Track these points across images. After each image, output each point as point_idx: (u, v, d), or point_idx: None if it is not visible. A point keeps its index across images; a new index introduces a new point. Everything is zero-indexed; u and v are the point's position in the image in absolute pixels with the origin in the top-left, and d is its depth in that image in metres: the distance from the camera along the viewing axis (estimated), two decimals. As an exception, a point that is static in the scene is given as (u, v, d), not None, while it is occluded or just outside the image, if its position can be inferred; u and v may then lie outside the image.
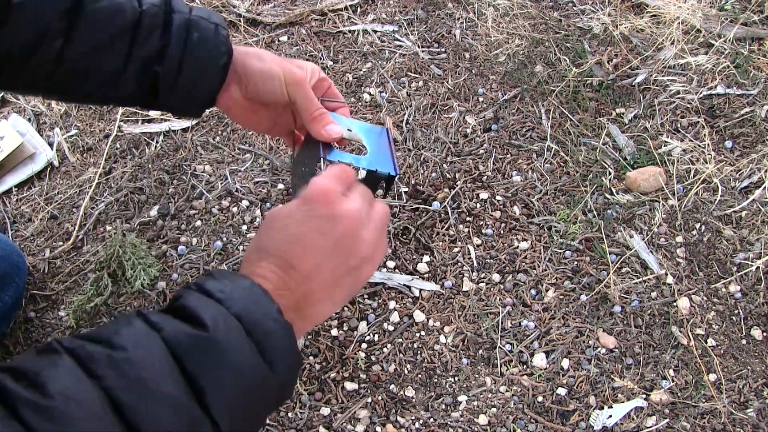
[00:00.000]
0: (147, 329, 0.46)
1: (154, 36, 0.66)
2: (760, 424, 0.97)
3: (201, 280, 0.52)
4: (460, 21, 1.48)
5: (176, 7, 0.69)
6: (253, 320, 0.49)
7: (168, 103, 0.71)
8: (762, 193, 1.18)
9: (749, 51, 1.39)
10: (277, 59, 0.72)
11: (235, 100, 0.72)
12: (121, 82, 0.67)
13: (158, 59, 0.67)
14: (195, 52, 0.68)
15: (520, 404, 0.99)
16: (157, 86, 0.68)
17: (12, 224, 1.21)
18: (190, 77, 0.68)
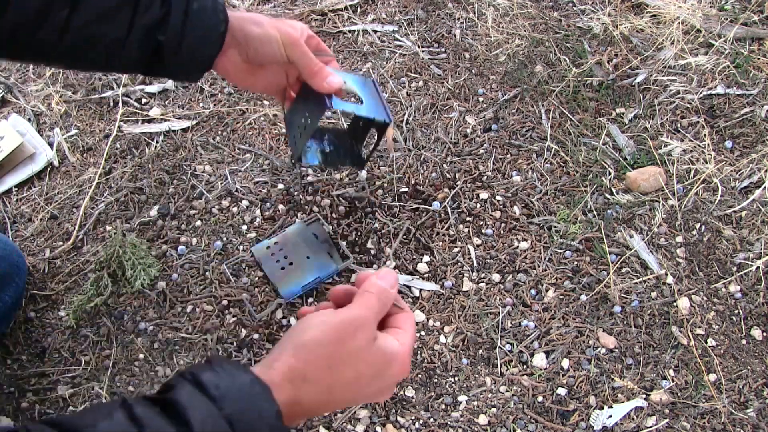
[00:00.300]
0: (127, 425, 0.43)
1: (155, 5, 0.69)
2: (760, 424, 0.97)
3: (199, 369, 0.48)
4: (460, 21, 1.48)
5: None
6: (245, 423, 0.45)
7: (170, 69, 0.74)
8: (762, 193, 1.18)
9: (749, 51, 1.39)
10: (272, 22, 0.75)
11: (234, 63, 0.76)
12: (124, 49, 0.70)
13: (160, 28, 0.70)
14: (195, 21, 0.71)
15: (520, 404, 0.99)
16: (160, 53, 0.72)
17: (12, 224, 1.21)
18: (191, 45, 0.71)
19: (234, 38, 0.74)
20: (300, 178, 1.24)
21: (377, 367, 0.53)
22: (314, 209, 1.19)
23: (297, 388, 0.49)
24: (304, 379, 0.50)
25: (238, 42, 0.75)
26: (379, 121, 0.92)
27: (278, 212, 1.19)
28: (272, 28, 0.74)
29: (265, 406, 0.46)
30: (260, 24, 0.75)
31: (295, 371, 0.49)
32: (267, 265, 1.10)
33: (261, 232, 1.17)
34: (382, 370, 0.53)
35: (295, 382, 0.49)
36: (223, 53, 0.75)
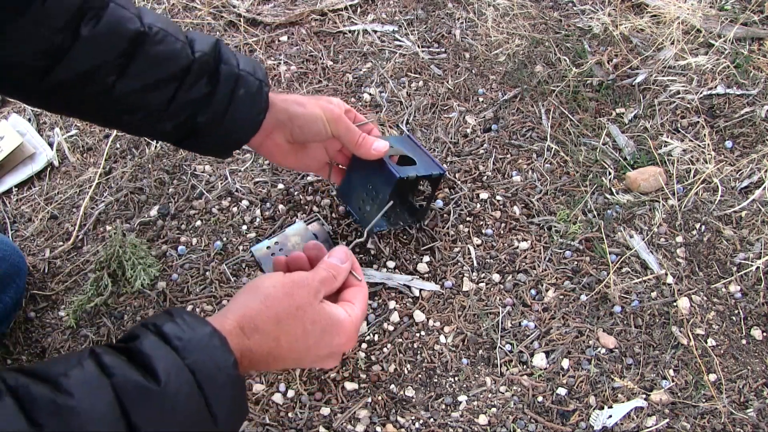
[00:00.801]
0: (98, 373, 0.45)
1: (201, 83, 0.70)
2: (760, 424, 0.97)
3: (160, 320, 0.51)
4: (460, 21, 1.48)
5: (224, 57, 0.72)
6: (207, 373, 0.49)
7: (200, 147, 0.75)
8: (762, 193, 1.18)
9: (749, 51, 1.39)
10: (313, 101, 0.77)
11: (278, 144, 0.78)
12: (161, 120, 0.70)
13: (202, 106, 0.70)
14: (239, 106, 0.71)
15: (520, 404, 0.99)
16: (195, 131, 0.72)
17: (12, 224, 1.21)
18: (228, 128, 0.72)
19: (278, 120, 0.75)
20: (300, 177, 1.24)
21: (322, 327, 0.60)
22: (314, 209, 1.19)
23: (248, 337, 0.55)
24: (255, 329, 0.55)
25: (282, 123, 0.76)
26: (437, 175, 1.02)
27: (278, 212, 1.19)
28: (315, 107, 0.76)
29: (224, 357, 0.51)
30: (303, 104, 0.76)
31: (248, 321, 0.55)
32: (267, 265, 1.10)
33: (261, 232, 1.17)
34: (327, 332, 0.60)
35: (246, 330, 0.55)
36: (267, 135, 0.76)
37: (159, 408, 0.46)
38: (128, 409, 0.45)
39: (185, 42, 0.70)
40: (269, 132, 0.76)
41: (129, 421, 0.44)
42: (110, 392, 0.45)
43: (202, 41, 0.72)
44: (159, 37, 0.67)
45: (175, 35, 0.69)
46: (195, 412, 0.48)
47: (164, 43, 0.67)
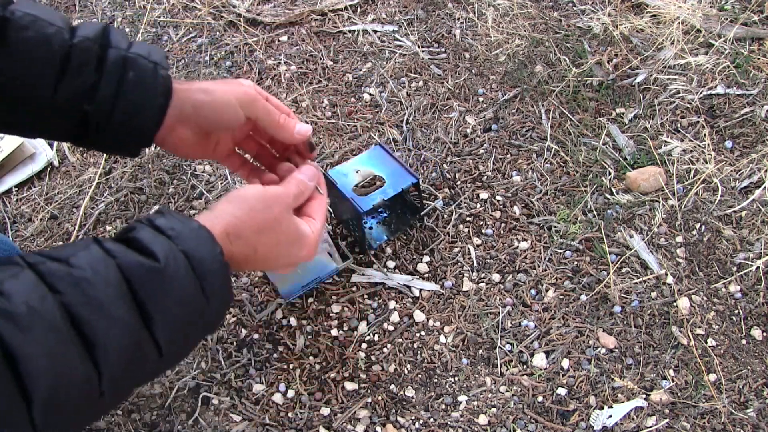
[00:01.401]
0: (103, 255, 0.49)
1: (86, 71, 0.63)
2: (760, 424, 0.97)
3: (152, 216, 0.56)
4: (460, 21, 1.48)
5: (113, 41, 0.66)
6: (198, 259, 0.53)
7: (98, 142, 0.68)
8: (762, 193, 1.18)
9: (749, 51, 1.39)
10: (221, 85, 0.71)
11: (183, 138, 0.71)
12: (46, 116, 0.65)
13: (89, 96, 0.64)
14: (129, 92, 0.65)
15: (520, 404, 0.99)
16: (87, 123, 0.66)
17: (12, 224, 1.21)
18: (122, 117, 0.66)
19: (182, 112, 0.69)
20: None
21: (291, 239, 0.65)
22: (314, 209, 1.19)
23: (231, 243, 0.59)
24: (238, 236, 0.60)
25: (186, 116, 0.69)
26: (409, 187, 1.05)
27: (278, 212, 1.19)
28: (224, 93, 0.70)
29: (213, 246, 0.55)
30: (210, 91, 0.70)
31: (233, 229, 0.59)
32: (267, 265, 1.10)
33: (261, 232, 1.17)
34: (294, 245, 0.66)
35: (231, 237, 0.59)
36: (170, 131, 0.70)
37: (161, 285, 0.50)
38: (134, 286, 0.49)
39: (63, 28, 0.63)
40: (172, 125, 0.69)
41: (135, 294, 0.49)
42: (117, 270, 0.49)
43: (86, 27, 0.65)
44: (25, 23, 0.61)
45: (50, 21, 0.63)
46: (192, 292, 0.52)
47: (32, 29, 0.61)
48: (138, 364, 0.49)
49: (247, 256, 0.61)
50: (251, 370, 1.03)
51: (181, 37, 1.47)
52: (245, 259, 0.62)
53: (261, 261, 0.64)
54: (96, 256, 0.49)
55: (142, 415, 0.99)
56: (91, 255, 0.49)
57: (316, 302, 1.09)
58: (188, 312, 0.52)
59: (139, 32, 1.48)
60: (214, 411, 1.00)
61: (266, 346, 1.05)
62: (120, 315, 0.47)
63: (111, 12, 1.54)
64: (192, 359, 1.04)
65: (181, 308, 0.52)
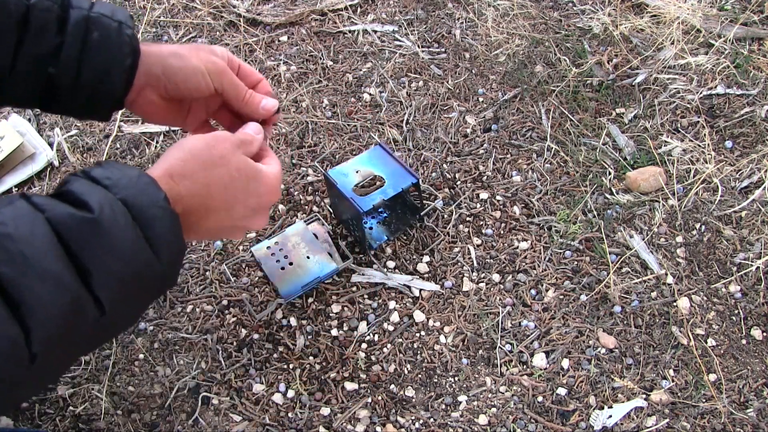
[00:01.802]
0: (30, 209, 0.46)
1: (47, 33, 0.61)
2: (760, 424, 0.97)
3: (88, 168, 0.52)
4: (460, 21, 1.48)
5: (74, 2, 0.63)
6: (139, 206, 0.50)
7: (68, 106, 0.66)
8: (762, 193, 1.18)
9: (749, 51, 1.39)
10: (193, 52, 0.70)
11: (152, 101, 0.69)
12: (9, 82, 0.62)
13: (52, 59, 0.62)
14: (94, 52, 0.63)
15: (520, 404, 0.99)
16: (54, 89, 0.64)
17: (12, 224, 1.21)
18: (90, 79, 0.64)
19: (150, 73, 0.67)
20: (300, 177, 1.24)
21: (247, 175, 0.61)
22: (314, 209, 1.19)
23: (177, 183, 0.55)
24: (182, 175, 0.56)
25: (156, 78, 0.67)
26: (409, 187, 1.06)
27: (278, 212, 1.19)
28: (196, 59, 0.68)
29: (155, 192, 0.51)
30: (181, 56, 0.68)
31: (175, 168, 0.56)
32: (267, 265, 1.10)
33: (261, 232, 1.17)
34: (252, 179, 0.61)
35: (175, 177, 0.55)
36: (138, 92, 0.68)
37: (97, 237, 0.46)
38: (66, 239, 0.45)
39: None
40: (141, 87, 0.67)
41: (68, 248, 0.45)
42: (45, 224, 0.45)
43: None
44: None
45: None
46: (133, 242, 0.48)
47: None
48: (76, 324, 0.45)
49: (200, 197, 0.57)
50: (251, 370, 1.03)
51: (181, 37, 1.47)
52: (200, 204, 0.57)
53: (219, 204, 0.59)
54: (21, 211, 0.45)
55: (142, 415, 0.99)
56: (16, 210, 0.45)
57: (316, 302, 1.09)
58: (132, 265, 0.48)
59: (139, 32, 1.48)
60: (214, 411, 1.00)
61: (266, 346, 1.05)
62: (49, 270, 0.43)
63: (111, 12, 1.53)
64: (192, 359, 1.04)
65: (122, 261, 0.47)
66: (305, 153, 1.27)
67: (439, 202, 1.18)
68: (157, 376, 1.03)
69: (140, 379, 1.03)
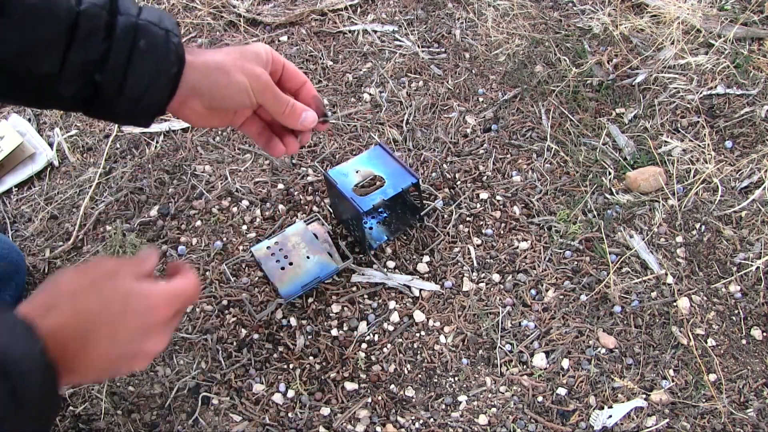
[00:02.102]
0: None
1: (95, 39, 0.61)
2: (760, 424, 0.97)
3: None
4: (460, 21, 1.48)
5: (122, 8, 0.64)
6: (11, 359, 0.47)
7: (112, 112, 0.66)
8: (762, 193, 1.18)
9: (749, 51, 1.39)
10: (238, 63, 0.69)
11: (196, 110, 0.70)
12: (56, 87, 0.62)
13: (100, 65, 0.62)
14: (141, 60, 0.63)
15: (520, 404, 0.99)
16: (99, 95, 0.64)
17: (12, 224, 1.21)
18: (136, 87, 0.64)
19: (195, 87, 0.67)
20: (300, 177, 1.24)
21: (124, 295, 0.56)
22: (314, 209, 1.19)
23: (42, 318, 0.52)
24: (50, 306, 0.53)
25: (199, 92, 0.68)
26: (409, 187, 1.06)
27: (278, 212, 1.19)
28: (240, 74, 0.68)
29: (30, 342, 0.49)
30: (226, 71, 0.68)
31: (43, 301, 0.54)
32: (267, 265, 1.10)
33: (261, 232, 1.17)
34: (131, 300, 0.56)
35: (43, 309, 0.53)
36: (183, 102, 0.68)
37: None
38: None
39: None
40: (185, 97, 0.67)
41: None
42: None
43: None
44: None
45: None
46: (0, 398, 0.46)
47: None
48: None
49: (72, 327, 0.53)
50: (251, 370, 1.03)
51: (181, 36, 1.47)
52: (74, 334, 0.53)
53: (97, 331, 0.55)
54: None
55: (142, 415, 0.99)
56: None
57: (316, 302, 1.09)
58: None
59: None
60: (214, 411, 1.00)
61: (266, 346, 1.05)
62: None
63: (111, 12, 1.53)
64: (192, 359, 1.04)
65: None
66: (305, 153, 1.27)
67: (439, 202, 1.18)
68: (157, 376, 1.03)
69: (140, 379, 1.03)
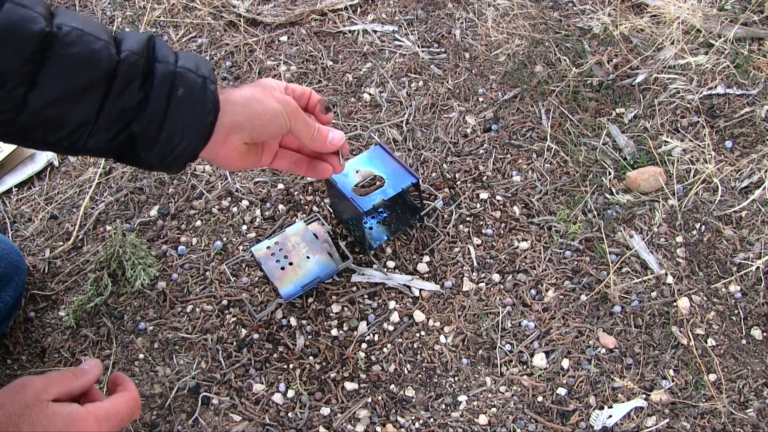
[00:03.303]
0: None
1: (132, 88, 0.61)
2: (760, 424, 0.97)
3: None
4: (460, 21, 1.48)
5: (160, 56, 0.63)
6: None
7: (144, 160, 0.66)
8: (762, 193, 1.18)
9: (749, 51, 1.39)
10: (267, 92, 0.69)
11: (236, 148, 0.69)
12: (91, 135, 0.62)
13: (136, 113, 0.62)
14: (180, 109, 0.63)
15: (520, 404, 0.99)
16: (133, 144, 0.63)
17: (12, 224, 1.21)
18: (172, 136, 0.63)
19: (235, 122, 0.67)
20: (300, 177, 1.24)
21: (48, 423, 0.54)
22: (314, 209, 1.19)
23: None
24: None
25: (240, 125, 0.67)
26: (409, 187, 1.06)
27: (278, 212, 1.19)
28: (272, 101, 0.69)
29: None
30: (259, 100, 0.68)
31: None
32: (267, 265, 1.10)
33: (261, 232, 1.17)
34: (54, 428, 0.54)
35: None
36: (223, 142, 0.67)
37: None
38: None
39: (109, 42, 0.61)
40: (225, 136, 0.67)
41: None
42: None
43: (131, 39, 0.63)
44: (72, 38, 0.59)
45: (95, 35, 0.60)
46: None
47: (79, 44, 0.59)
48: None
49: None
50: (251, 370, 1.03)
51: (181, 37, 1.47)
52: None
53: None
54: None
55: (142, 414, 0.99)
56: None
57: (316, 302, 1.09)
58: None
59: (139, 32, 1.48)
60: (214, 411, 1.00)
61: (266, 346, 1.05)
62: None
63: (111, 12, 1.54)
64: (192, 359, 1.04)
65: None
66: (305, 153, 1.27)
67: (439, 202, 1.18)
68: (157, 376, 1.03)
69: (140, 379, 1.03)
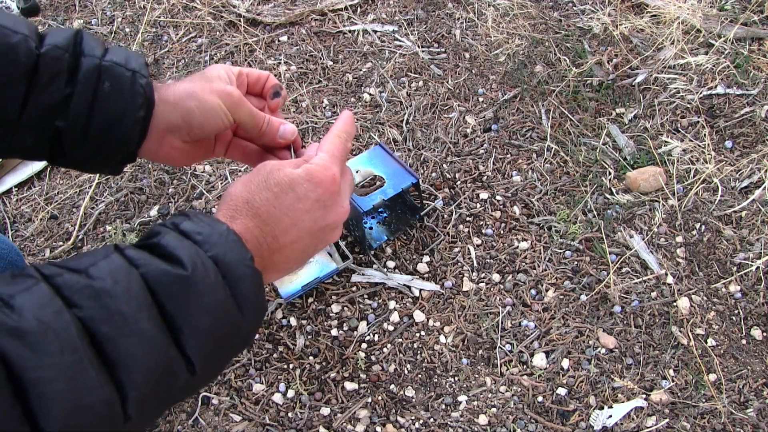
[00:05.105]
0: (125, 264, 0.45)
1: (57, 83, 0.58)
2: (760, 424, 0.97)
3: (177, 220, 0.51)
4: (460, 21, 1.48)
5: (86, 50, 0.60)
6: (228, 265, 0.49)
7: (76, 160, 0.63)
8: (762, 193, 1.18)
9: (749, 51, 1.39)
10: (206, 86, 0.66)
11: (175, 147, 0.66)
12: (15, 134, 0.59)
13: (61, 110, 0.59)
14: (105, 104, 0.60)
15: (520, 404, 0.99)
16: (61, 142, 0.61)
17: (12, 224, 1.21)
18: (99, 132, 0.61)
19: (170, 123, 0.64)
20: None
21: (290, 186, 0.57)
22: (314, 209, 1.19)
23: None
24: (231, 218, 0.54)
25: (177, 125, 0.64)
26: (409, 187, 1.06)
27: (278, 212, 1.19)
28: (210, 94, 0.65)
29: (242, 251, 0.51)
30: (196, 96, 0.65)
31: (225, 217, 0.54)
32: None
33: (261, 232, 1.17)
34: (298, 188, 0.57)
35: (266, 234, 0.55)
36: (160, 142, 0.65)
37: (188, 294, 0.46)
38: (160, 297, 0.45)
39: (29, 36, 0.57)
40: (162, 136, 0.64)
41: (162, 306, 0.45)
42: (140, 280, 0.45)
43: (56, 34, 0.59)
44: None
45: (13, 28, 0.56)
46: (222, 301, 0.48)
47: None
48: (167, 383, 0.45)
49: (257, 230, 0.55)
50: (251, 370, 1.03)
51: (181, 37, 1.47)
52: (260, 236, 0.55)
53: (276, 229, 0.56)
54: (117, 266, 0.44)
55: (142, 415, 0.99)
56: (112, 264, 0.44)
57: (316, 302, 1.09)
58: (221, 323, 0.48)
59: (139, 32, 1.48)
60: (214, 411, 1.00)
61: (266, 346, 1.05)
62: (145, 328, 0.43)
63: (111, 12, 1.54)
64: (192, 359, 1.04)
65: (212, 319, 0.47)
66: (305, 153, 1.27)
67: (439, 202, 1.18)
68: (157, 376, 1.03)
69: (140, 379, 1.03)
